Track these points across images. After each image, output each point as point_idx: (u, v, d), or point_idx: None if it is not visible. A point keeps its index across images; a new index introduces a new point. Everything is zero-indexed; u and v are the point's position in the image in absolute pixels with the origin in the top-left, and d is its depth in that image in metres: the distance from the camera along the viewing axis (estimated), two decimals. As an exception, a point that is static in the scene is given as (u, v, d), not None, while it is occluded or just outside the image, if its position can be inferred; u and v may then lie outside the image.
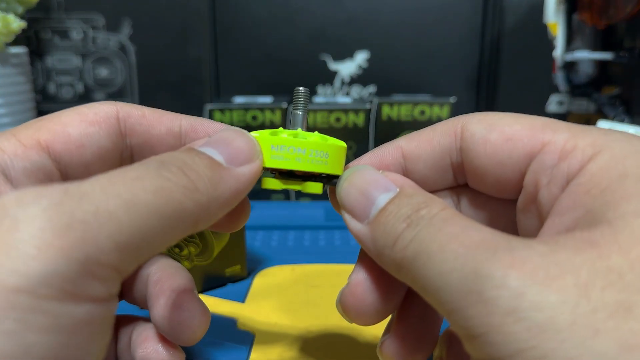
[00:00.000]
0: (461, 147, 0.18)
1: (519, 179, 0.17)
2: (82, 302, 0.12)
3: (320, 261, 0.36)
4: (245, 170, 0.16)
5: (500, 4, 0.61)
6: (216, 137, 0.17)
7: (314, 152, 0.18)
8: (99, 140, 0.18)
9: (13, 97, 0.53)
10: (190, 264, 0.31)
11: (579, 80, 0.52)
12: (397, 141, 0.19)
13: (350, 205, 0.17)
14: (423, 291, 0.14)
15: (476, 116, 0.18)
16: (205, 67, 0.64)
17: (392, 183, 0.17)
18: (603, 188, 0.14)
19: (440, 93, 0.62)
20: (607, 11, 0.44)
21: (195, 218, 0.15)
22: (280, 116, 0.51)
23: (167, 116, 0.20)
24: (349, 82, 0.64)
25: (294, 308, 0.30)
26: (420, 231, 0.14)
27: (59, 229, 0.12)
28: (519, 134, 0.17)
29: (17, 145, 0.17)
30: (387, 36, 0.63)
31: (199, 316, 0.20)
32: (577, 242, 0.13)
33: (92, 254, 0.12)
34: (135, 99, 0.64)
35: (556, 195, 0.15)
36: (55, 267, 0.11)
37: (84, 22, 0.62)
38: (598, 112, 0.60)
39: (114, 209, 0.13)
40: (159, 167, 0.14)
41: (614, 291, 0.11)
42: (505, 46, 0.62)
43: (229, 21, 0.63)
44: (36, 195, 0.12)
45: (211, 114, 0.51)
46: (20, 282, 0.11)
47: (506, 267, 0.12)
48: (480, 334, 0.12)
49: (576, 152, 0.15)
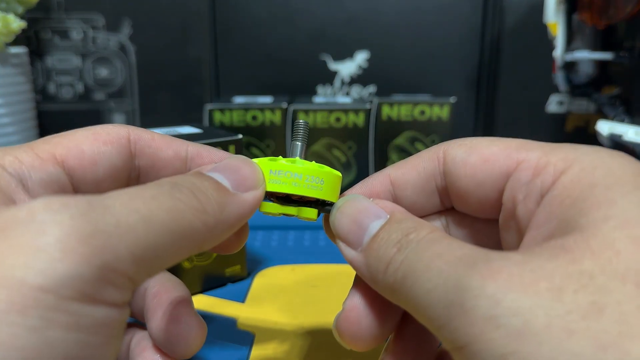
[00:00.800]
0: (444, 170, 0.19)
1: (498, 198, 0.18)
2: (100, 305, 0.13)
3: (320, 261, 0.36)
4: (250, 197, 0.17)
5: (500, 4, 0.61)
6: (224, 164, 0.18)
7: (310, 178, 0.19)
8: (111, 159, 0.19)
9: (13, 97, 0.53)
10: (190, 264, 0.31)
11: (579, 80, 0.52)
12: (385, 170, 0.20)
13: (344, 233, 0.18)
14: (414, 311, 0.15)
15: (457, 141, 0.19)
16: (205, 67, 0.64)
17: (383, 210, 0.18)
18: (575, 198, 0.14)
19: (440, 93, 0.62)
20: (607, 11, 0.44)
21: (202, 238, 0.16)
22: (280, 116, 0.51)
23: (175, 141, 0.21)
24: (349, 82, 0.64)
25: (294, 308, 0.30)
26: (409, 253, 0.15)
27: (83, 236, 0.12)
28: (496, 155, 0.17)
29: (35, 158, 0.18)
30: (387, 36, 0.63)
31: (195, 330, 0.21)
32: (550, 249, 0.13)
33: (111, 262, 0.13)
34: (135, 99, 0.64)
35: (532, 210, 0.16)
36: (78, 271, 0.12)
37: (84, 22, 0.62)
38: (598, 112, 0.60)
39: (133, 223, 0.13)
40: (171, 188, 0.15)
41: (587, 293, 0.12)
42: (505, 46, 0.62)
43: (229, 21, 0.63)
44: (63, 204, 0.13)
45: (211, 114, 0.51)
46: (46, 282, 0.12)
47: (483, 277, 0.13)
48: (465, 345, 0.13)
49: (548, 167, 0.16)
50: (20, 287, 0.12)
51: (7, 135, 0.53)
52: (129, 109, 0.65)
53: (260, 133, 0.52)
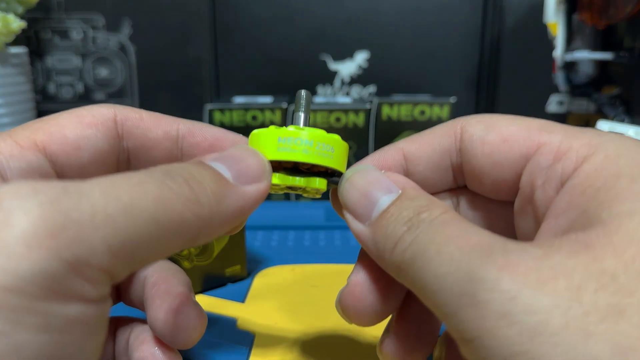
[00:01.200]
0: (460, 148, 0.18)
1: (515, 180, 0.17)
2: (71, 301, 0.12)
3: (320, 261, 0.36)
4: (252, 189, 0.16)
5: (500, 4, 0.61)
6: (227, 153, 0.17)
7: (320, 145, 0.18)
8: (96, 143, 0.18)
9: (13, 97, 0.53)
10: (190, 264, 0.31)
11: (579, 80, 0.52)
12: (398, 143, 0.20)
13: (353, 205, 0.17)
14: (421, 294, 0.14)
15: (475, 117, 0.18)
16: (205, 67, 0.64)
17: (394, 184, 0.17)
18: (597, 188, 0.14)
19: (440, 93, 0.62)
20: (607, 11, 0.44)
21: (195, 231, 0.14)
22: (280, 116, 0.51)
23: (164, 120, 0.20)
24: (349, 82, 0.64)
25: (294, 308, 0.30)
26: (420, 234, 0.14)
27: (51, 228, 0.12)
28: (516, 135, 0.17)
29: (14, 146, 0.17)
30: (387, 36, 0.63)
31: (195, 319, 0.20)
32: (571, 244, 0.13)
33: (83, 256, 0.12)
34: (135, 99, 0.64)
35: (551, 197, 0.15)
36: (44, 267, 0.11)
37: (84, 22, 0.62)
38: (598, 112, 0.60)
39: (111, 212, 0.12)
40: (163, 175, 0.14)
41: (607, 294, 0.11)
42: (505, 46, 0.62)
43: (229, 21, 0.63)
44: (33, 190, 0.12)
45: (211, 114, 0.51)
46: (10, 281, 0.11)
47: (499, 270, 0.12)
48: (474, 338, 0.12)
49: (570, 153, 0.15)
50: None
51: (7, 135, 0.52)
52: (129, 109, 0.65)
53: (260, 133, 0.52)
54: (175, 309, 0.20)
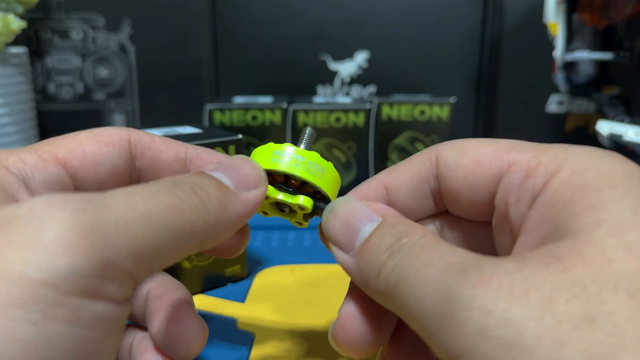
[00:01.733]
0: (437, 174, 0.19)
1: (490, 200, 0.17)
2: (100, 300, 0.13)
3: (320, 261, 0.36)
4: (252, 195, 0.17)
5: (500, 4, 0.61)
6: (225, 163, 0.18)
7: (311, 163, 0.19)
8: (113, 160, 0.19)
9: (13, 97, 0.53)
10: (190, 264, 0.31)
11: (579, 80, 0.52)
12: (377, 176, 0.20)
13: (336, 236, 0.18)
14: (406, 318, 0.15)
15: (449, 143, 0.19)
16: (205, 67, 0.64)
17: (375, 213, 0.17)
18: (566, 201, 0.14)
19: (440, 93, 0.62)
20: (607, 11, 0.44)
21: (203, 237, 0.16)
22: (280, 116, 0.51)
23: (175, 143, 0.21)
24: (349, 82, 0.64)
25: (294, 308, 0.30)
26: (401, 259, 0.15)
27: (82, 232, 0.12)
28: (487, 157, 0.17)
29: (37, 159, 0.18)
30: (387, 36, 0.63)
31: (196, 332, 0.21)
32: (542, 257, 0.13)
33: (111, 258, 0.13)
34: (135, 99, 0.64)
35: (524, 212, 0.16)
36: (78, 265, 0.12)
37: (84, 22, 0.62)
38: (598, 112, 0.60)
39: (131, 219, 0.13)
40: (172, 186, 0.15)
41: (578, 303, 0.12)
42: (505, 46, 0.62)
43: (229, 21, 0.63)
44: (62, 201, 0.13)
45: (211, 114, 0.51)
46: (46, 277, 0.12)
47: (473, 287, 0.12)
48: (456, 357, 0.12)
49: (539, 169, 0.15)
50: (20, 281, 0.12)
51: (7, 135, 0.53)
52: (129, 109, 0.65)
53: (260, 133, 0.52)
54: (177, 320, 0.21)
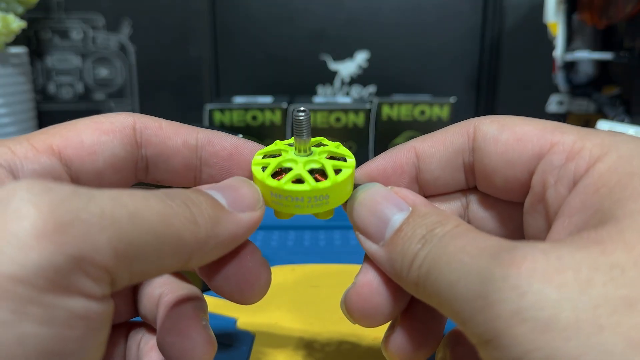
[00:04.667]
0: (473, 147, 0.18)
1: (527, 179, 0.17)
2: (75, 296, 0.12)
3: (320, 261, 0.36)
4: (246, 217, 0.17)
5: (500, 4, 0.61)
6: (223, 183, 0.17)
7: (312, 199, 0.17)
8: (112, 149, 0.19)
9: (13, 97, 0.53)
10: (190, 264, 0.31)
11: (579, 80, 0.52)
12: (410, 142, 0.20)
13: (364, 226, 0.17)
14: (439, 306, 0.14)
15: (489, 118, 0.18)
16: (205, 67, 0.64)
17: (404, 201, 0.17)
18: (611, 187, 0.14)
19: (440, 93, 0.62)
20: (607, 11, 0.44)
21: (190, 251, 0.15)
22: (280, 116, 0.51)
23: (184, 128, 0.20)
24: (349, 82, 0.64)
25: (294, 308, 0.30)
26: (432, 249, 0.15)
27: (60, 224, 0.12)
28: (529, 135, 0.17)
29: (29, 149, 0.17)
30: (387, 36, 0.63)
31: (202, 348, 0.20)
32: (582, 240, 0.13)
33: (88, 253, 0.12)
34: (135, 99, 0.64)
35: (563, 195, 0.15)
36: (51, 260, 0.12)
37: (84, 22, 0.62)
38: (598, 112, 0.60)
39: (118, 216, 0.13)
40: (164, 195, 0.15)
41: (616, 287, 0.11)
42: (505, 46, 0.62)
43: (229, 21, 0.63)
44: (45, 188, 0.12)
45: (211, 114, 0.51)
46: (18, 272, 0.11)
47: (506, 267, 0.12)
48: (490, 339, 0.12)
49: (583, 152, 0.15)
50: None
51: (7, 135, 0.53)
52: (129, 109, 0.65)
53: (260, 133, 0.52)
54: (184, 334, 0.20)
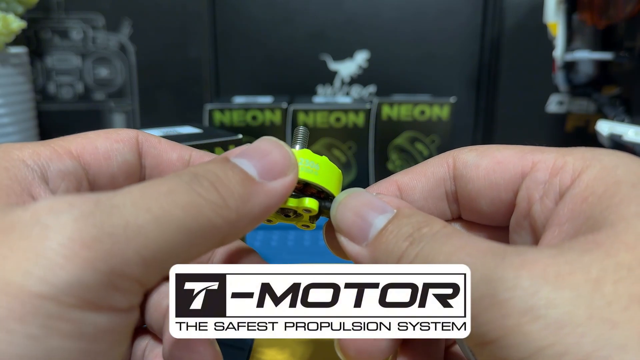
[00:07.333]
0: (454, 175, 0.19)
1: (511, 199, 0.17)
2: (103, 311, 0.12)
3: (320, 261, 0.36)
4: (278, 185, 0.16)
5: (500, 4, 0.61)
6: (253, 147, 0.17)
7: (303, 160, 0.18)
8: (124, 155, 0.20)
9: (13, 97, 0.53)
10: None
11: (579, 80, 0.52)
12: (391, 177, 0.20)
13: (347, 227, 0.17)
14: None
15: (467, 148, 0.19)
16: (205, 67, 0.64)
17: (388, 205, 0.17)
18: (599, 195, 0.14)
19: (440, 93, 0.62)
20: (607, 11, 0.44)
21: (223, 234, 0.15)
22: (280, 116, 0.51)
23: (179, 146, 0.21)
24: (349, 82, 0.64)
25: (294, 308, 0.30)
26: (425, 246, 0.15)
27: (87, 240, 0.12)
28: (509, 158, 0.17)
29: (52, 151, 0.18)
30: (387, 36, 0.63)
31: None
32: (582, 244, 0.13)
33: (117, 267, 0.12)
34: (135, 99, 0.64)
35: (550, 208, 0.16)
36: (80, 277, 0.12)
37: (84, 22, 0.62)
38: (598, 112, 0.60)
39: (143, 223, 0.13)
40: (191, 180, 0.14)
41: (626, 284, 0.12)
42: (505, 46, 0.62)
43: (229, 21, 0.63)
44: (68, 205, 0.13)
45: (211, 114, 0.51)
46: (47, 290, 0.11)
47: (517, 269, 0.12)
48: (496, 338, 0.12)
49: (567, 167, 0.16)
50: (20, 294, 0.11)
51: (7, 135, 0.52)
52: (129, 109, 0.65)
53: (260, 133, 0.52)
54: (189, 348, 0.19)
